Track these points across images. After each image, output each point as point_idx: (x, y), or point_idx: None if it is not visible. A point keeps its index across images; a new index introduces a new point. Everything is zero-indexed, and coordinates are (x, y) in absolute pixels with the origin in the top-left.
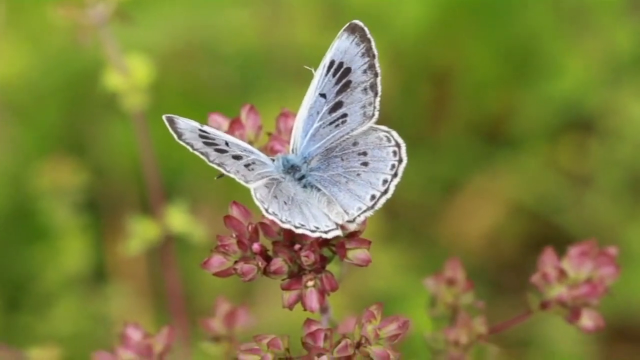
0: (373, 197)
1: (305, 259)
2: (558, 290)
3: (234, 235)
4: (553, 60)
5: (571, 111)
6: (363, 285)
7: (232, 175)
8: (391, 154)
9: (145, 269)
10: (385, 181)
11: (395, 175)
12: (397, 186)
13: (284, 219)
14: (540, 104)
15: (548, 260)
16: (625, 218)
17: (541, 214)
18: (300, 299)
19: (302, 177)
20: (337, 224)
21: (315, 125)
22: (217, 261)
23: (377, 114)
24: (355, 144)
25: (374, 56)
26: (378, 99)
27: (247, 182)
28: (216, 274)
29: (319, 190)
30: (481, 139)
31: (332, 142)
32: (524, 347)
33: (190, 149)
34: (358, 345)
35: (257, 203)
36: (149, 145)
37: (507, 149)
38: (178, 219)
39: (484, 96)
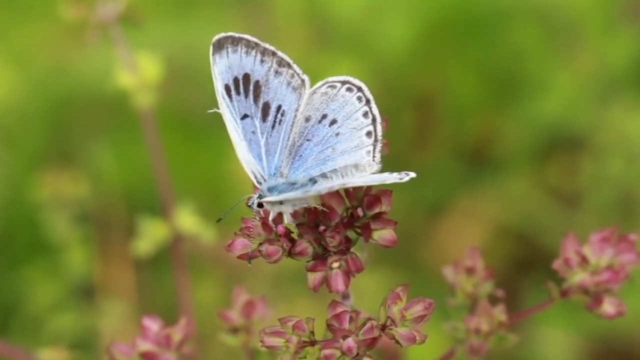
0: (369, 133)
1: (330, 240)
2: (580, 276)
3: (258, 218)
4: (539, 79)
5: (559, 130)
6: None
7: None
8: (348, 94)
9: (134, 285)
10: (365, 113)
11: (368, 101)
12: (379, 108)
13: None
14: (526, 125)
15: (570, 246)
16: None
17: (528, 236)
18: (326, 280)
19: (294, 183)
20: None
21: (262, 142)
22: (241, 244)
23: (305, 77)
24: (308, 119)
25: (253, 44)
26: (295, 65)
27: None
28: (240, 257)
29: (325, 176)
30: (466, 161)
31: (287, 139)
32: None
33: None
34: (384, 327)
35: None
36: (158, 145)
37: (492, 171)
38: (188, 220)
39: (469, 118)
